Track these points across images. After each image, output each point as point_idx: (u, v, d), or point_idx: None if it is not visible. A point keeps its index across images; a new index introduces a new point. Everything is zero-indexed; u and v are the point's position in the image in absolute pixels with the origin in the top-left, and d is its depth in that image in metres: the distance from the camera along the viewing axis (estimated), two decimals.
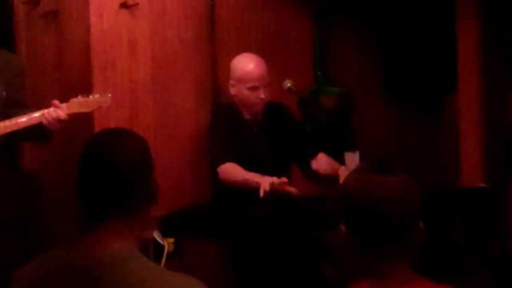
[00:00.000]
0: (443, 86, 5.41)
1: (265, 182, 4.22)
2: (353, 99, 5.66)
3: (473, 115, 4.88)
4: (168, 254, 4.27)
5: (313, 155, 4.78)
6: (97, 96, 4.32)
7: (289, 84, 4.71)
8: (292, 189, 4.27)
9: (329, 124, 5.33)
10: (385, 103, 5.71)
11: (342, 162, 4.55)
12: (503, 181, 4.72)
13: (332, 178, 4.55)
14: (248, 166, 4.49)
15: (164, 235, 4.26)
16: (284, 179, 4.26)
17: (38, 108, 4.15)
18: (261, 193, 4.17)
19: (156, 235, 4.27)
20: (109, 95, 4.34)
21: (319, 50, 5.56)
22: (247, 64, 4.67)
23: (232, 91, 4.71)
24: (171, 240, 4.31)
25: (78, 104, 4.23)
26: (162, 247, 4.28)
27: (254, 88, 4.62)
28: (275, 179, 4.23)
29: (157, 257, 4.21)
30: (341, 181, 4.32)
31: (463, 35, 4.88)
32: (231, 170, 4.50)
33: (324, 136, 5.38)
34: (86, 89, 4.77)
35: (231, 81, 4.71)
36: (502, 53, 4.89)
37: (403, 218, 2.01)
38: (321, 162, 4.75)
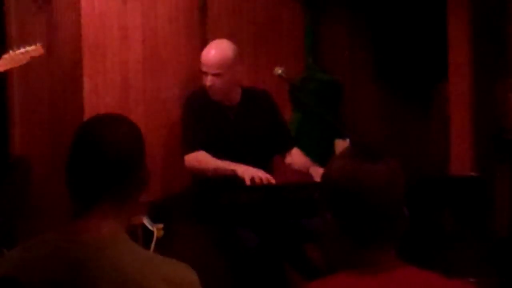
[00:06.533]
0: (434, 75, 5.41)
1: (244, 173, 4.20)
2: (344, 87, 5.66)
3: (463, 104, 4.90)
4: (157, 239, 4.27)
5: (288, 149, 4.71)
6: (27, 47, 4.33)
7: (280, 71, 4.69)
8: (272, 180, 4.24)
9: (320, 112, 5.33)
10: (376, 91, 5.72)
11: (332, 149, 4.56)
12: (492, 169, 4.75)
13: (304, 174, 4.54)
14: (223, 153, 4.44)
15: (154, 221, 4.26)
16: (264, 175, 4.22)
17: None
18: (248, 182, 4.17)
19: (146, 221, 4.27)
20: (38, 44, 4.37)
21: (310, 37, 5.55)
22: (206, 48, 4.61)
23: None
24: (161, 226, 4.31)
25: (9, 59, 4.25)
26: (151, 233, 4.28)
27: (203, 73, 4.54)
28: (254, 173, 4.20)
29: (146, 243, 4.21)
30: (316, 178, 4.34)
31: (454, 25, 4.90)
32: (200, 159, 4.45)
33: (314, 123, 5.38)
34: (76, 74, 4.77)
35: None
36: (492, 43, 4.90)
37: (388, 205, 2.00)
38: (295, 158, 4.70)
